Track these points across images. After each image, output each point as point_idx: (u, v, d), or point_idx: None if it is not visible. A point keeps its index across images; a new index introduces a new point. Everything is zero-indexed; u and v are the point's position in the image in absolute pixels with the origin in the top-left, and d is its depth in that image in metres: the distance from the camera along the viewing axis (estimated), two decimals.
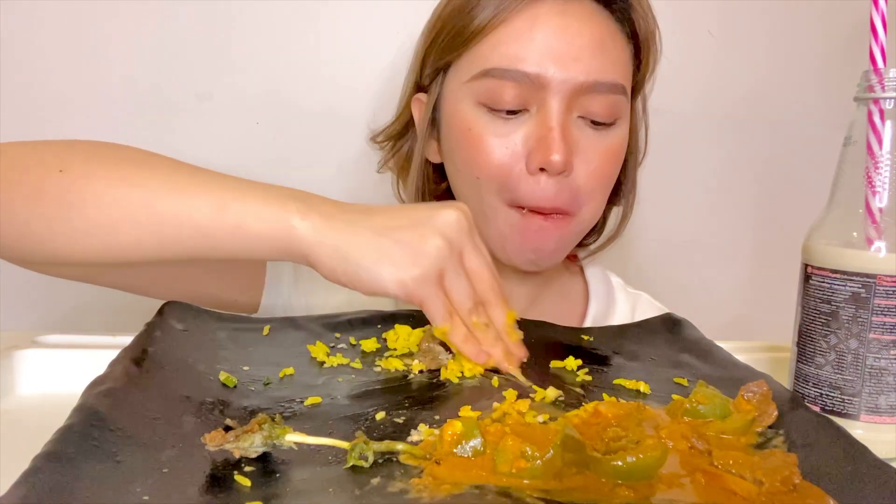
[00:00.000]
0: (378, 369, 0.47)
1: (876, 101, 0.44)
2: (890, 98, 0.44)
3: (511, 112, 0.61)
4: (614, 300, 0.77)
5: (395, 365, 0.47)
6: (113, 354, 0.42)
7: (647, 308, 0.76)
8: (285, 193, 0.49)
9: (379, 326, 0.55)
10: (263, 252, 0.48)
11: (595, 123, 0.62)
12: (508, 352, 0.48)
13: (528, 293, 0.72)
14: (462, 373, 0.46)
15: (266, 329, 0.53)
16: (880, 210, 0.44)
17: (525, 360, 0.48)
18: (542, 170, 0.60)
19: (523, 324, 0.57)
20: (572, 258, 0.79)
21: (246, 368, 0.45)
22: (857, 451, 0.36)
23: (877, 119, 0.44)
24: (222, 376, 0.43)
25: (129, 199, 0.48)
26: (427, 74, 0.68)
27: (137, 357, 0.42)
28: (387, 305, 0.67)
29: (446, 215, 0.48)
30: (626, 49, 0.64)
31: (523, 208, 0.61)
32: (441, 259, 0.46)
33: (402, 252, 0.46)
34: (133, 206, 0.48)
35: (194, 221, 0.47)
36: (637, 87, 0.68)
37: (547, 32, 0.59)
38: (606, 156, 0.63)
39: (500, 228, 0.63)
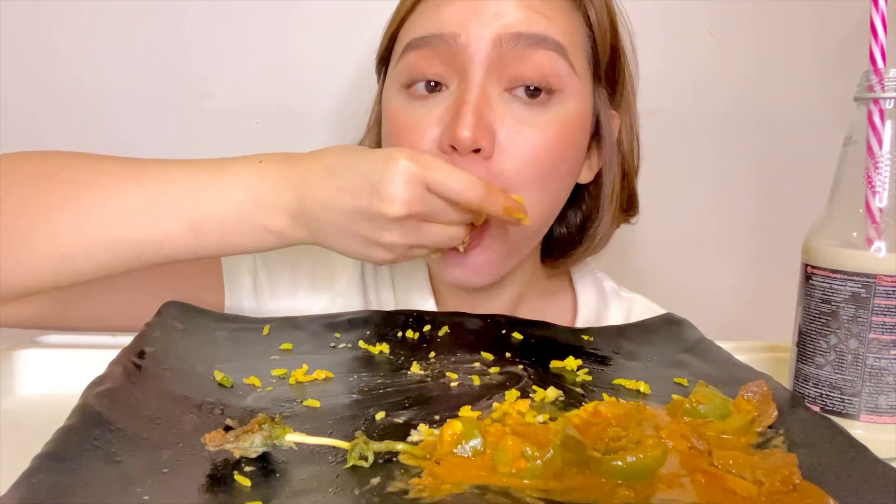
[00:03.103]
0: (379, 369, 0.47)
1: (876, 101, 0.44)
2: (890, 98, 0.44)
3: (432, 89, 0.56)
4: (606, 307, 0.72)
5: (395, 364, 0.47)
6: (113, 354, 0.42)
7: (642, 312, 0.70)
8: (251, 193, 0.48)
9: (378, 326, 0.55)
10: (252, 249, 0.51)
11: (529, 95, 0.54)
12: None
13: (505, 307, 0.66)
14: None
15: (266, 329, 0.53)
16: (880, 210, 0.44)
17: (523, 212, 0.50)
18: (454, 149, 0.53)
19: (521, 323, 0.58)
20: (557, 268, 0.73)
21: (244, 367, 0.45)
22: (857, 451, 0.36)
23: (877, 119, 0.44)
24: (218, 376, 0.43)
25: (86, 229, 0.46)
26: (378, 73, 0.66)
27: (137, 357, 0.42)
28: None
29: (390, 186, 0.46)
30: (572, 19, 0.58)
31: None
32: (400, 244, 0.48)
33: (367, 247, 0.49)
34: (91, 236, 0.46)
35: (172, 246, 0.48)
36: (599, 76, 0.61)
37: None
38: (539, 136, 0.54)
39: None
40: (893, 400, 0.44)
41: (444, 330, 0.55)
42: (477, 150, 0.53)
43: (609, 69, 0.62)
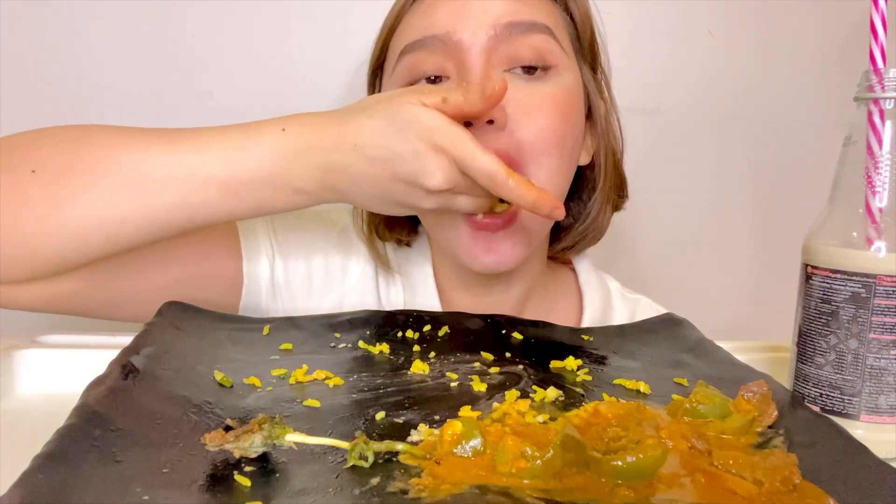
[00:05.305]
0: (379, 369, 0.47)
1: (876, 101, 0.44)
2: (890, 98, 0.44)
3: (432, 81, 0.59)
4: (611, 307, 0.73)
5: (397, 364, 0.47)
6: (113, 354, 0.42)
7: (647, 313, 0.71)
8: (277, 164, 0.50)
9: (378, 326, 0.56)
10: (284, 209, 0.53)
11: (525, 72, 0.58)
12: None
13: (514, 304, 0.68)
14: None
15: (266, 329, 0.53)
16: (880, 210, 0.44)
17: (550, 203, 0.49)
18: (469, 124, 0.54)
19: (521, 323, 0.58)
20: (566, 262, 0.76)
21: (244, 367, 0.45)
22: (857, 451, 0.36)
23: (877, 119, 0.44)
24: (218, 376, 0.43)
25: (122, 193, 0.48)
26: (371, 85, 0.68)
27: (137, 357, 0.42)
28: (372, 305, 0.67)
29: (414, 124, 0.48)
30: (552, 9, 0.62)
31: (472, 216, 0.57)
32: (433, 209, 0.51)
33: (400, 208, 0.52)
34: (127, 200, 0.48)
35: (202, 205, 0.50)
36: (584, 56, 0.64)
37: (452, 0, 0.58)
38: (546, 106, 0.58)
39: (449, 236, 0.60)
40: (893, 400, 0.44)
41: (444, 330, 0.55)
42: (490, 122, 0.55)
43: (590, 54, 0.65)
